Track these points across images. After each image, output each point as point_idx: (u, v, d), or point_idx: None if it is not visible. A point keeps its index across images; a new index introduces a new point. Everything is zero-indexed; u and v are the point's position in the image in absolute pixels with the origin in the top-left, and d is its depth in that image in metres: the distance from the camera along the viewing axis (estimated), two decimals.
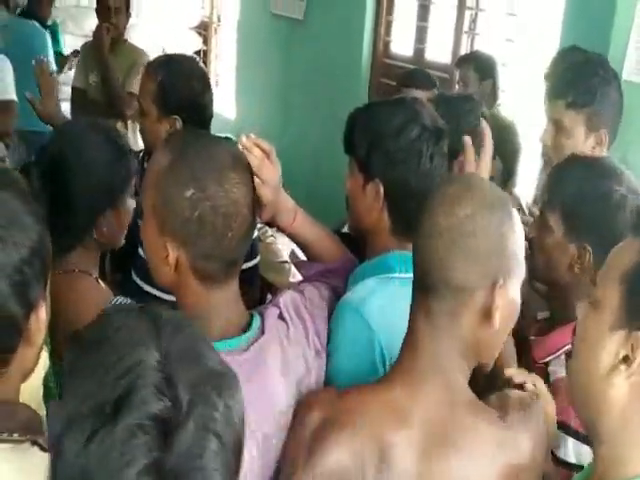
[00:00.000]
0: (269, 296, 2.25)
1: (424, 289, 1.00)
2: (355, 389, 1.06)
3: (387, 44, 3.83)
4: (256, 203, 1.10)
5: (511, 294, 0.99)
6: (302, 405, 1.07)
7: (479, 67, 2.90)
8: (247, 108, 5.11)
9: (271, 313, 1.13)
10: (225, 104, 5.58)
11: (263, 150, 1.15)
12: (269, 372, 1.09)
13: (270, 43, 4.60)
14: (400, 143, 1.24)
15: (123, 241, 1.55)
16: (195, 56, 2.18)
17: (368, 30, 3.78)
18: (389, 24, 3.82)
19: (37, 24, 4.09)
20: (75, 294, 1.38)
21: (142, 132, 2.04)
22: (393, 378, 1.02)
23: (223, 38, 5.88)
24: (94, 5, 3.57)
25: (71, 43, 4.66)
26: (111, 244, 1.55)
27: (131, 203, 1.52)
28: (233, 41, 5.31)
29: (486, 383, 1.09)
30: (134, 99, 3.41)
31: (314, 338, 1.16)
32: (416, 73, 2.72)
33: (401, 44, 3.81)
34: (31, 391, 1.06)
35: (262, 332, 1.10)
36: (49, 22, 4.35)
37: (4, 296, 0.80)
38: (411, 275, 1.14)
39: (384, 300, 1.18)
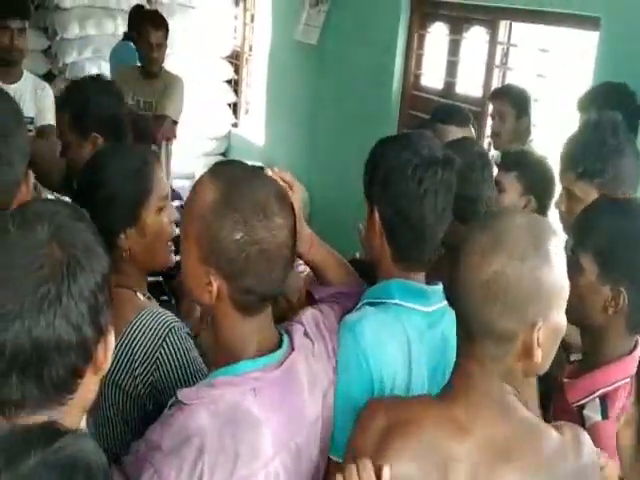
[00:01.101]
0: None
1: (466, 335, 1.03)
2: (416, 400, 1.11)
3: (417, 77, 3.85)
4: None
5: (552, 325, 1.00)
6: (365, 410, 1.09)
7: (516, 103, 2.89)
8: (276, 136, 5.17)
9: (297, 330, 1.18)
10: (254, 132, 5.66)
11: (286, 182, 1.21)
12: (300, 386, 1.14)
13: (299, 72, 4.67)
14: (394, 173, 1.28)
15: (173, 259, 1.51)
16: (104, 77, 2.26)
17: (399, 63, 3.81)
18: (420, 57, 3.85)
19: None
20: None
21: (70, 165, 2.01)
22: (451, 397, 1.04)
23: (254, 67, 5.98)
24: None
25: (108, 70, 4.76)
26: (149, 262, 1.50)
27: (157, 220, 1.48)
28: (264, 70, 5.39)
29: None
30: (167, 122, 3.52)
31: (332, 354, 1.22)
32: (452, 110, 2.63)
33: (431, 77, 3.83)
34: None
35: (292, 348, 1.14)
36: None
37: (83, 320, 0.82)
38: (409, 304, 1.26)
39: (377, 323, 1.24)
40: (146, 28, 3.66)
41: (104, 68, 4.88)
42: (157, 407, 1.30)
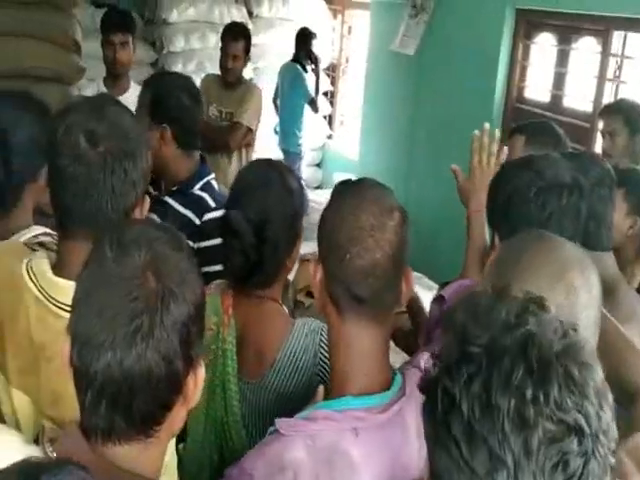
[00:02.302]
0: None
1: None
2: None
3: (521, 89, 3.70)
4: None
5: None
6: None
7: (629, 119, 2.69)
8: (370, 148, 5.13)
9: (413, 375, 1.10)
10: (348, 145, 5.64)
11: None
12: (407, 435, 1.06)
13: (397, 84, 4.60)
14: (515, 196, 1.23)
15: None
16: (189, 75, 2.27)
17: (502, 74, 3.68)
18: (524, 68, 3.69)
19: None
20: (265, 318, 1.45)
21: None
22: None
23: (350, 80, 5.97)
24: None
25: None
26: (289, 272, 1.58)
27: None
28: (360, 82, 5.37)
29: None
30: (241, 130, 3.57)
31: None
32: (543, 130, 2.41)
33: (537, 90, 3.66)
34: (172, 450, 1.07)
35: (403, 393, 1.07)
36: None
37: (174, 353, 0.81)
38: None
39: None
40: (225, 39, 3.72)
41: None
42: None
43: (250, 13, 5.47)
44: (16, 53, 3.75)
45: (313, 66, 5.07)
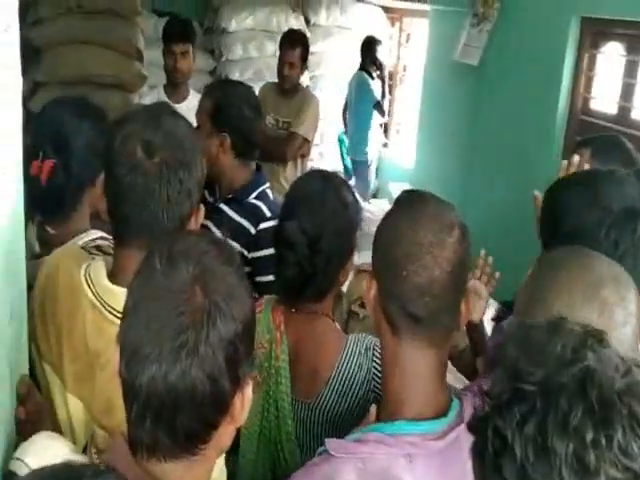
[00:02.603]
0: None
1: None
2: None
3: (587, 100, 3.57)
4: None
5: None
6: None
7: None
8: (426, 159, 5.06)
9: (471, 401, 1.05)
10: (404, 153, 5.58)
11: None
12: (463, 465, 0.98)
13: (455, 93, 4.53)
14: (582, 232, 1.16)
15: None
16: (250, 85, 2.25)
17: (566, 84, 3.56)
18: (590, 79, 3.57)
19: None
20: (317, 335, 1.43)
21: None
22: None
23: (407, 88, 5.92)
24: None
25: None
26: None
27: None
28: (417, 91, 5.32)
29: None
30: (298, 140, 3.56)
31: None
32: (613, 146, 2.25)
33: (603, 101, 3.53)
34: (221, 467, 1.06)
35: (460, 420, 1.01)
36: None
37: (219, 371, 0.79)
38: None
39: None
40: (282, 46, 3.71)
41: None
42: None
43: (308, 21, 5.49)
44: (81, 60, 3.86)
45: (378, 72, 5.14)
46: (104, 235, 1.49)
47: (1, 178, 0.98)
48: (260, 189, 2.04)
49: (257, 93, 3.79)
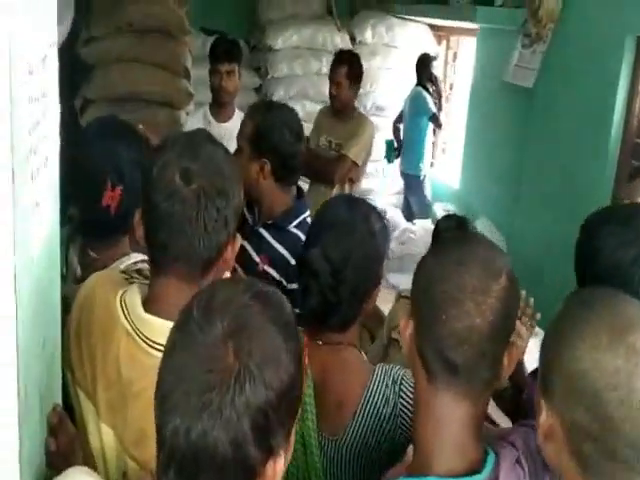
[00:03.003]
0: None
1: None
2: None
3: None
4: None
5: None
6: None
7: None
8: (472, 179, 4.97)
9: (508, 455, 1.00)
10: (450, 173, 5.49)
11: None
12: None
13: (502, 114, 4.43)
14: (617, 278, 1.13)
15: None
16: (293, 108, 2.16)
17: (620, 106, 3.43)
18: None
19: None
20: (343, 367, 1.40)
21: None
22: None
23: (454, 106, 5.84)
24: None
25: (310, 109, 4.93)
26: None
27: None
28: (464, 110, 5.24)
29: None
30: (347, 163, 3.50)
31: None
32: None
33: None
34: None
35: (495, 477, 0.95)
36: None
37: (243, 437, 0.75)
38: None
39: None
40: (331, 65, 3.70)
41: (308, 107, 5.05)
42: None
43: (353, 39, 5.47)
44: (131, 77, 3.93)
45: (434, 87, 5.14)
46: (145, 258, 1.48)
47: (38, 205, 0.97)
48: (301, 217, 2.00)
49: (301, 113, 3.82)
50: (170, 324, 0.85)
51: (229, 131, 3.01)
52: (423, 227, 4.44)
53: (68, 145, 1.28)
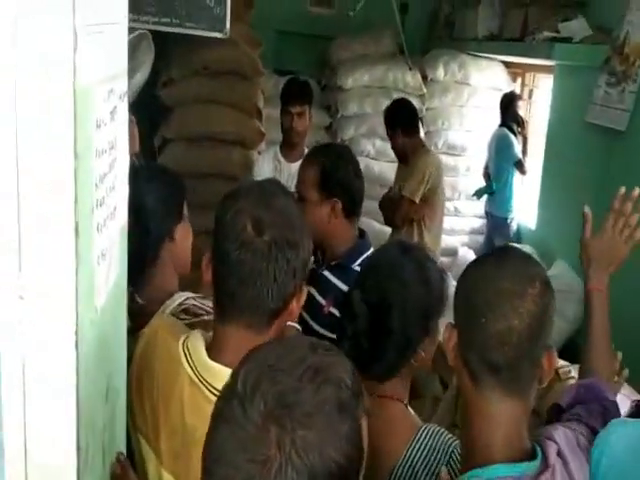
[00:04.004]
0: None
1: None
2: None
3: None
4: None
5: None
6: None
7: None
8: (549, 221, 4.79)
9: (550, 447, 1.07)
10: (526, 212, 5.32)
11: None
12: None
13: (583, 154, 4.25)
14: None
15: None
16: (346, 145, 2.22)
17: None
18: None
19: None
20: (385, 420, 1.34)
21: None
22: None
23: (530, 145, 5.69)
24: None
25: (380, 147, 4.92)
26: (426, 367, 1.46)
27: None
28: (540, 148, 5.09)
29: None
30: (404, 203, 3.52)
31: (587, 476, 1.11)
32: None
33: None
34: None
35: (547, 465, 1.03)
36: None
37: None
38: None
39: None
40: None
41: (378, 145, 5.04)
42: None
43: (425, 77, 5.44)
44: (206, 118, 4.04)
45: (520, 129, 4.98)
46: (189, 295, 1.48)
47: (104, 256, 0.97)
48: (364, 256, 1.98)
49: (371, 151, 3.85)
50: None
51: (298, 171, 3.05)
52: None
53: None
